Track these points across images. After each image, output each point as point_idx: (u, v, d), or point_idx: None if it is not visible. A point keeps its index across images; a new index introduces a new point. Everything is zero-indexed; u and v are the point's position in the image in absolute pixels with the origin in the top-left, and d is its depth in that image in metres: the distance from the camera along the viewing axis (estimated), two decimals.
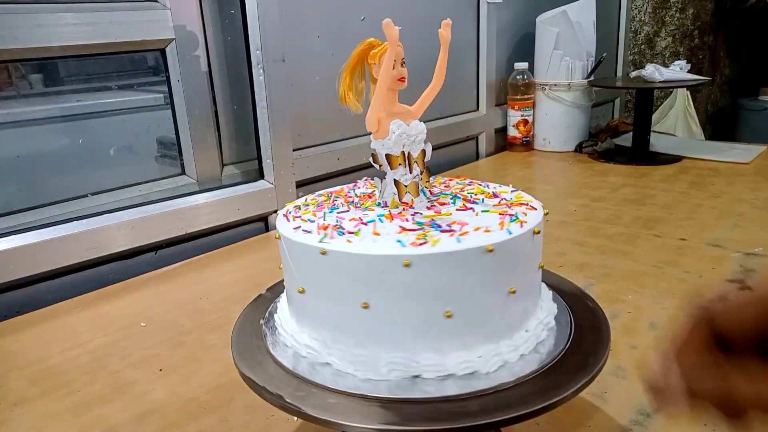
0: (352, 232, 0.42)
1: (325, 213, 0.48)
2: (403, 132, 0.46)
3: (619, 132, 1.73)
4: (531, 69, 1.62)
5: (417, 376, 0.41)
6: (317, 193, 0.54)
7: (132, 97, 1.04)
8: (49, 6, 0.87)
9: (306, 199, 0.53)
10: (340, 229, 0.43)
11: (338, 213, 0.48)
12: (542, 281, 0.49)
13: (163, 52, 1.02)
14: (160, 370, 0.65)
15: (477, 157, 1.64)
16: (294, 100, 1.12)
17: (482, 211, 0.45)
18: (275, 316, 0.51)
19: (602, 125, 1.84)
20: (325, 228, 0.43)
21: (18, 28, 0.84)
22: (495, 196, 0.49)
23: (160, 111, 1.07)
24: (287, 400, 0.40)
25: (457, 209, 0.46)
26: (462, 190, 0.52)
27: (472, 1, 1.51)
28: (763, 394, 0.25)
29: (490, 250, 0.39)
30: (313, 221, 0.46)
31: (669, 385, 0.28)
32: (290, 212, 0.49)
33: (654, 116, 1.88)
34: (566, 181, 1.36)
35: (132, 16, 0.95)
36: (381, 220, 0.44)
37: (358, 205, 0.49)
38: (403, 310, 0.41)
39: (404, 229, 0.42)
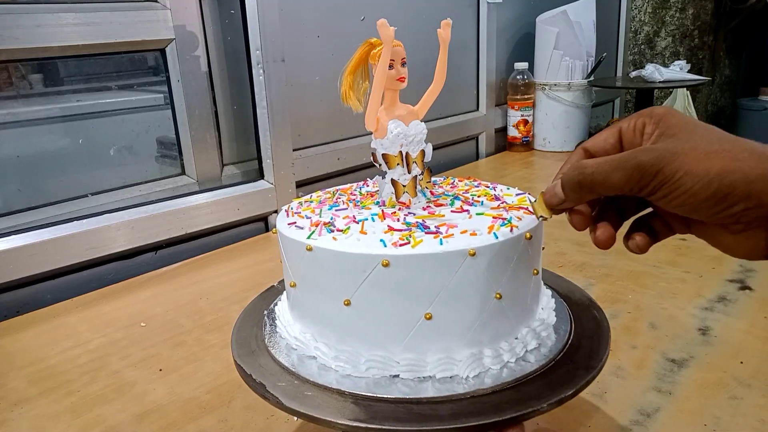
0: (341, 230, 0.43)
1: (321, 210, 0.48)
2: (400, 132, 0.46)
3: None
4: (531, 69, 1.62)
5: (396, 376, 0.41)
6: (326, 189, 0.55)
7: (132, 97, 1.04)
8: (49, 6, 0.87)
9: (311, 196, 0.54)
10: (330, 227, 0.44)
11: (336, 210, 0.48)
12: (542, 283, 0.49)
13: (163, 52, 1.02)
14: (160, 370, 0.65)
15: (477, 157, 1.64)
16: (294, 100, 1.12)
17: (477, 214, 0.45)
18: (276, 307, 0.52)
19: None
20: (317, 225, 0.44)
21: (18, 28, 0.84)
22: (497, 198, 0.49)
23: (160, 111, 1.07)
24: (268, 389, 0.41)
25: (452, 211, 0.46)
26: (467, 191, 0.51)
27: (472, 1, 1.51)
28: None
29: (473, 254, 0.39)
30: (310, 218, 0.47)
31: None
32: (292, 208, 0.50)
33: None
34: None
35: (132, 16, 0.95)
36: (373, 219, 0.45)
37: (358, 204, 0.49)
38: (383, 309, 0.41)
39: (391, 228, 0.42)
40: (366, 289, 0.41)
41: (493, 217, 0.43)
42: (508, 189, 0.52)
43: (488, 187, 0.53)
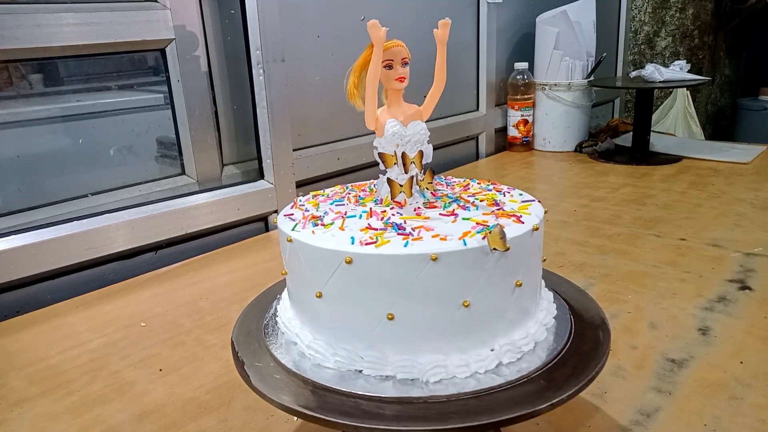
0: (324, 225, 0.44)
1: (319, 204, 0.50)
2: (396, 132, 0.47)
3: (619, 132, 1.73)
4: (531, 69, 1.62)
5: (361, 371, 0.42)
6: (343, 185, 0.56)
7: (132, 97, 1.04)
8: (49, 6, 0.87)
9: (325, 190, 0.55)
10: (317, 221, 0.45)
11: (336, 205, 0.49)
12: (542, 282, 0.49)
13: (163, 52, 1.02)
14: (160, 370, 0.65)
15: (477, 157, 1.64)
16: (294, 100, 1.12)
17: (463, 219, 0.44)
18: (281, 294, 0.54)
19: (602, 125, 1.84)
20: (307, 218, 0.46)
21: (18, 28, 0.84)
22: (496, 204, 0.47)
23: (160, 111, 1.07)
24: (245, 367, 0.44)
25: (440, 213, 0.45)
26: (474, 195, 0.50)
27: (472, 1, 1.51)
28: None
29: (434, 259, 0.39)
30: (308, 211, 0.49)
31: None
32: (300, 200, 0.52)
33: (654, 116, 1.88)
34: (566, 181, 1.36)
35: (132, 16, 0.95)
36: (360, 217, 0.45)
37: (359, 201, 0.49)
38: (349, 305, 0.42)
39: (369, 227, 0.43)
40: (334, 284, 0.42)
41: (477, 223, 0.43)
42: (521, 194, 0.51)
43: (500, 191, 0.51)
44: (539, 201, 0.49)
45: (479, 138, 1.63)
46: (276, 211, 1.11)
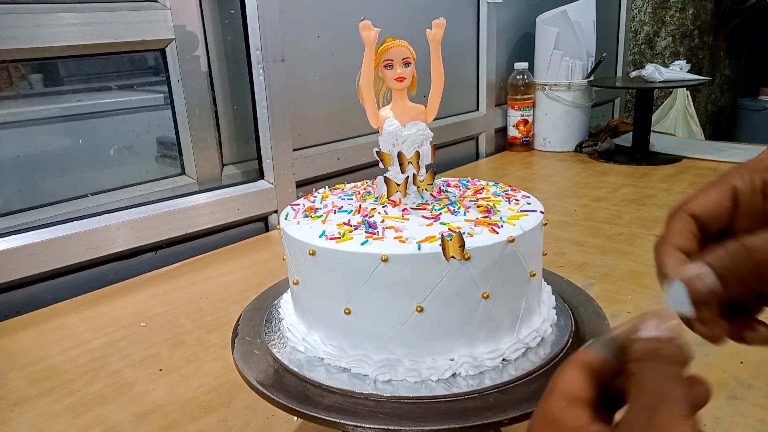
0: (313, 218, 0.47)
1: (329, 196, 0.52)
2: (392, 131, 0.47)
3: (619, 132, 1.73)
4: (531, 69, 1.62)
5: (322, 359, 0.44)
6: (363, 180, 0.57)
7: (132, 97, 1.04)
8: (49, 6, 0.87)
9: (346, 184, 0.56)
10: (309, 213, 0.48)
11: (341, 199, 0.51)
12: (543, 283, 0.49)
13: (163, 52, 1.02)
14: (160, 370, 0.65)
15: (477, 157, 1.64)
16: (294, 100, 1.12)
17: (440, 223, 0.43)
18: None
19: (602, 125, 1.84)
20: (307, 209, 0.49)
21: (18, 28, 0.84)
22: (487, 211, 0.45)
23: (160, 111, 1.07)
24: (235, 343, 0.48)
25: (422, 216, 0.45)
26: (478, 199, 0.49)
27: (472, 1, 1.51)
28: None
29: (385, 260, 0.39)
30: (312, 203, 0.51)
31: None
32: (316, 192, 0.54)
33: (654, 116, 1.88)
34: (566, 181, 1.36)
35: (132, 16, 0.95)
36: (349, 212, 0.47)
37: (364, 197, 0.50)
38: (316, 294, 0.45)
39: (344, 223, 0.44)
40: (305, 273, 0.45)
41: (450, 229, 0.42)
42: (529, 203, 0.48)
43: (510, 198, 0.49)
44: (542, 212, 0.47)
45: (479, 138, 1.63)
46: (276, 211, 1.11)
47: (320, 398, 0.40)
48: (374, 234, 0.42)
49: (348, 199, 0.50)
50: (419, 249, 0.39)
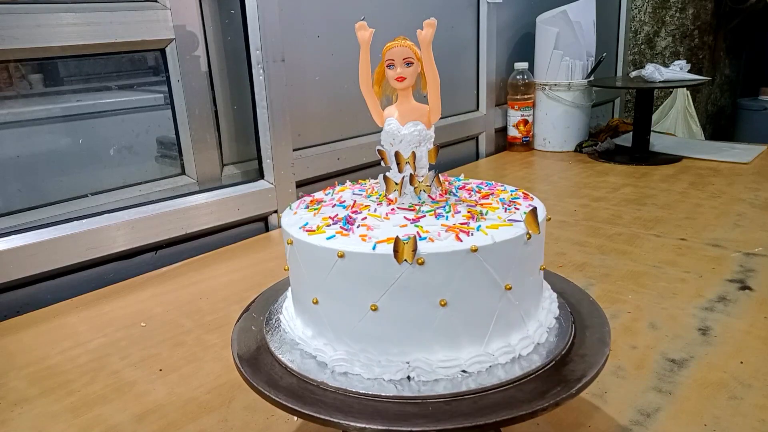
0: (310, 209, 0.49)
1: (345, 191, 0.53)
2: (389, 131, 0.47)
3: (619, 132, 1.73)
4: (531, 69, 1.62)
5: (313, 355, 0.45)
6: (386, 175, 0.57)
7: (132, 97, 1.04)
8: (49, 6, 0.87)
9: (369, 180, 0.56)
10: (310, 205, 0.50)
11: (351, 194, 0.52)
12: (543, 282, 0.49)
13: (163, 52, 1.02)
14: (160, 370, 0.65)
15: (477, 157, 1.64)
16: (294, 100, 1.12)
17: (415, 225, 0.43)
18: None
19: (602, 125, 1.84)
20: (310, 201, 0.51)
21: (18, 28, 0.84)
22: (472, 218, 0.44)
23: (160, 111, 1.07)
24: (234, 334, 0.49)
25: (404, 217, 0.44)
26: (471, 204, 0.48)
27: (472, 1, 1.51)
28: None
29: (341, 256, 0.40)
30: (321, 197, 0.52)
31: None
32: (338, 185, 0.55)
33: (654, 116, 1.88)
34: (566, 181, 1.36)
35: (132, 16, 0.95)
36: (343, 207, 0.48)
37: (368, 194, 0.51)
38: (294, 282, 0.48)
39: (329, 217, 0.46)
40: (289, 260, 0.47)
41: (419, 232, 0.41)
42: (525, 213, 0.45)
43: (508, 204, 0.48)
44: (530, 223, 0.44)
45: (479, 138, 1.63)
46: (276, 211, 1.11)
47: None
48: (344, 230, 0.43)
49: (358, 195, 0.51)
50: (374, 249, 0.40)
